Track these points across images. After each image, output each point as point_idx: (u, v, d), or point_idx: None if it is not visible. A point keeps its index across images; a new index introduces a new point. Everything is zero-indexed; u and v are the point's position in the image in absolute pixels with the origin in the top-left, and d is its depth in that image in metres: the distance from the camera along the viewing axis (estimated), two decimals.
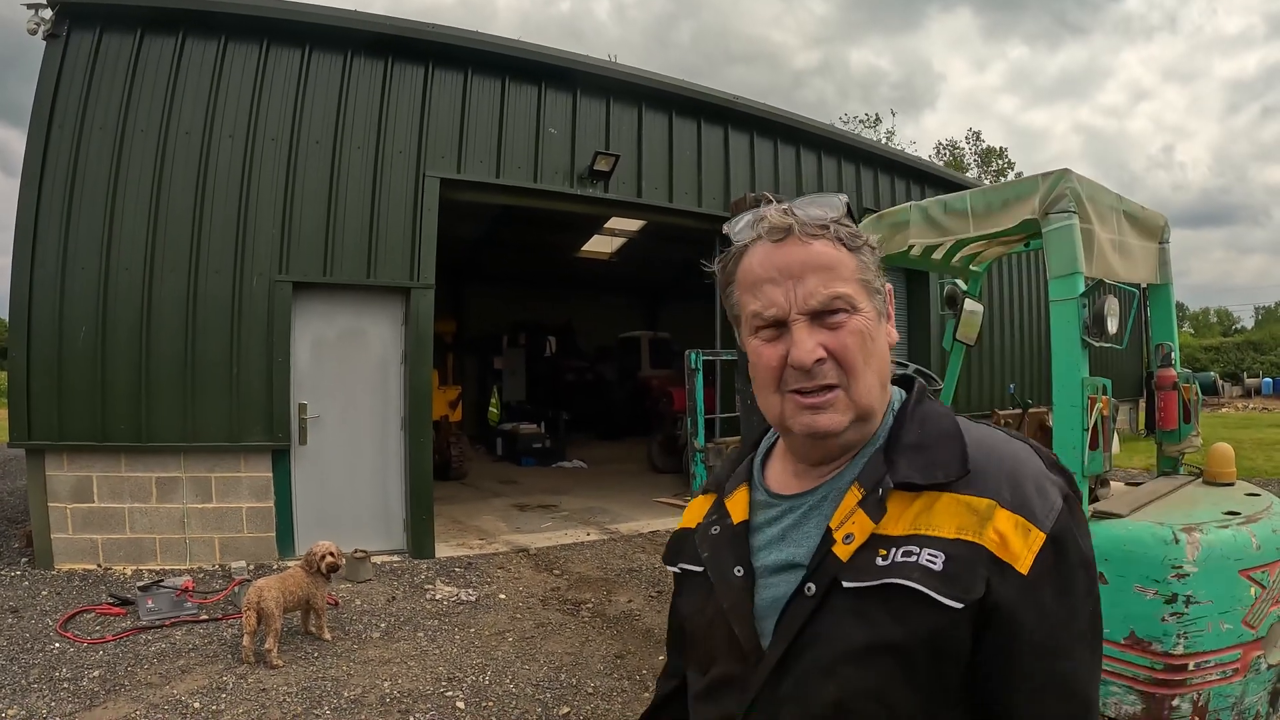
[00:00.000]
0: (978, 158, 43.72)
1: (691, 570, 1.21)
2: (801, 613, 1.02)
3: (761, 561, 1.11)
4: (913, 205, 3.65)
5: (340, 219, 7.37)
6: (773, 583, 1.08)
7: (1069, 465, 2.83)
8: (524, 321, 19.05)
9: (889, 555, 0.99)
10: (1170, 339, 3.64)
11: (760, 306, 1.07)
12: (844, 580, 1.00)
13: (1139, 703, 2.61)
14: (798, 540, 1.09)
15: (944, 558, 0.96)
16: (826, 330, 1.04)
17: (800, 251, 1.06)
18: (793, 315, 1.05)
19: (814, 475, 1.13)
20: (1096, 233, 3.02)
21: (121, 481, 6.79)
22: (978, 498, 0.99)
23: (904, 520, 1.01)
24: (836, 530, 1.03)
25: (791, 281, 1.05)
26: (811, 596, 1.02)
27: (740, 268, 1.11)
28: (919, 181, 12.85)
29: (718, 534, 1.17)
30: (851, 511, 1.03)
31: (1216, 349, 38.08)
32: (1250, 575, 2.63)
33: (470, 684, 4.75)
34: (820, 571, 1.02)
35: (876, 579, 0.98)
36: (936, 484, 1.01)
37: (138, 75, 6.76)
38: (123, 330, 6.69)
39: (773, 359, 1.06)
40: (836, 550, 1.02)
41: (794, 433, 1.09)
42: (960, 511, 0.99)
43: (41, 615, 5.53)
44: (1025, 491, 0.99)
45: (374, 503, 7.78)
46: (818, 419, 1.04)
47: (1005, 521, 0.97)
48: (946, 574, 0.95)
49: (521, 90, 8.33)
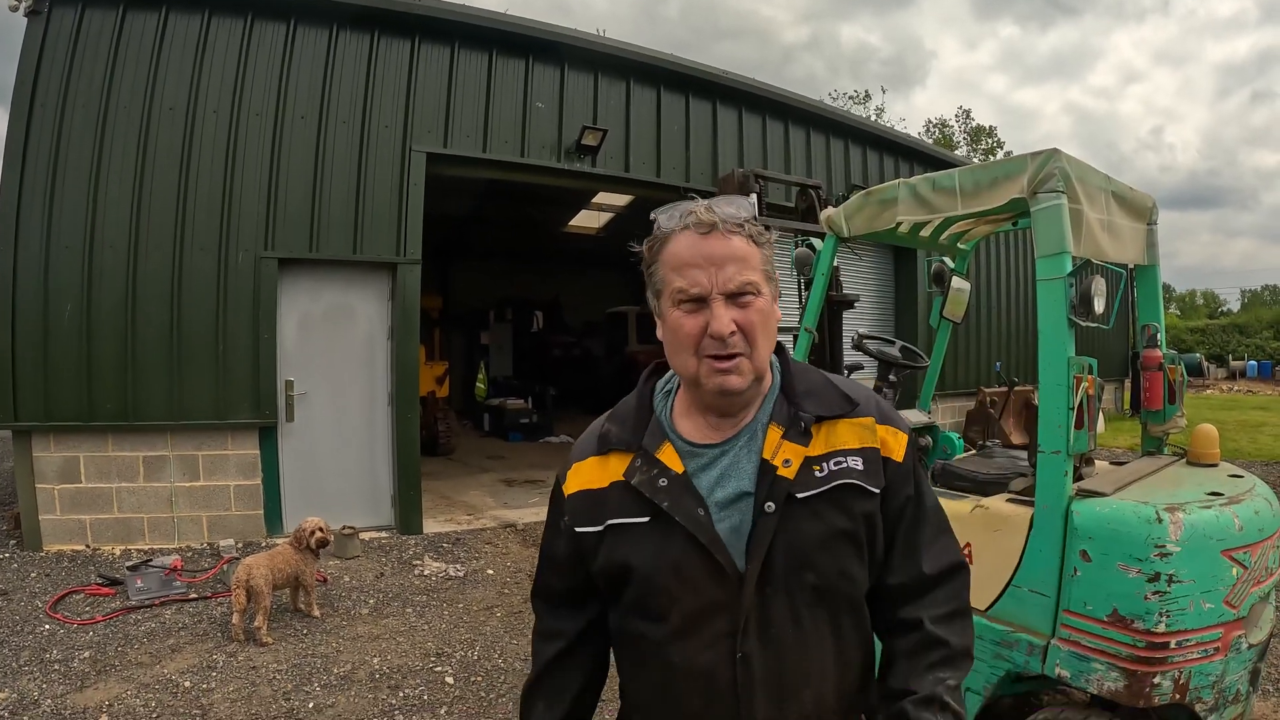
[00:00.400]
0: (967, 136, 43.61)
1: (631, 523, 1.36)
2: (769, 527, 1.30)
3: (713, 499, 1.34)
4: (901, 182, 3.64)
5: (326, 195, 7.30)
6: (727, 514, 1.33)
7: (1054, 444, 2.87)
8: (511, 297, 18.99)
9: (823, 468, 1.34)
10: (1156, 320, 3.66)
11: (685, 284, 1.30)
12: (796, 493, 1.31)
13: (1121, 679, 2.65)
14: (738, 476, 1.35)
15: (861, 460, 1.36)
16: (738, 308, 1.29)
17: (722, 244, 1.30)
18: (713, 294, 1.28)
19: (727, 426, 1.39)
20: (1085, 213, 3.02)
21: (109, 461, 6.76)
22: (863, 419, 1.40)
23: (819, 443, 1.36)
24: (774, 459, 1.33)
25: (714, 268, 1.28)
26: (773, 512, 1.30)
27: (666, 250, 1.34)
28: (908, 159, 12.82)
29: (668, 484, 1.34)
30: (779, 444, 1.34)
31: (1202, 331, 38.24)
32: (1232, 556, 2.66)
33: (459, 659, 4.79)
34: (773, 492, 1.30)
35: (823, 485, 1.32)
36: (835, 415, 1.38)
37: (120, 51, 6.65)
38: (108, 309, 6.63)
39: (694, 328, 1.30)
40: (781, 473, 1.31)
41: (706, 389, 1.33)
42: (857, 430, 1.39)
43: (31, 597, 5.53)
44: (885, 411, 1.44)
45: (361, 479, 7.78)
46: (728, 379, 1.30)
47: (884, 431, 1.40)
48: (867, 470, 1.36)
49: (509, 64, 8.25)
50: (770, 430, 1.36)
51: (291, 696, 4.22)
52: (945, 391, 12.89)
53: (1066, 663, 2.80)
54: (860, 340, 4.27)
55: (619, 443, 1.43)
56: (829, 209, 4.18)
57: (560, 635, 1.53)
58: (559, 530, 1.48)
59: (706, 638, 1.32)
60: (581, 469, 1.45)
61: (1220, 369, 32.46)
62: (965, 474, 3.64)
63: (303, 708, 4.10)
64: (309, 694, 4.26)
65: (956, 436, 4.82)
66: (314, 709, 4.09)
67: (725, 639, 1.31)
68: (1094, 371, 2.95)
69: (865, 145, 12.11)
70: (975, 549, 3.21)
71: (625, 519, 1.37)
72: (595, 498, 1.41)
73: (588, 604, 1.51)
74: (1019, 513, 3.06)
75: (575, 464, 1.47)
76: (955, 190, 3.37)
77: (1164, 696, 2.62)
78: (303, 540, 5.30)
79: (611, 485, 1.40)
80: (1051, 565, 2.88)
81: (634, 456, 1.39)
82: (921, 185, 3.53)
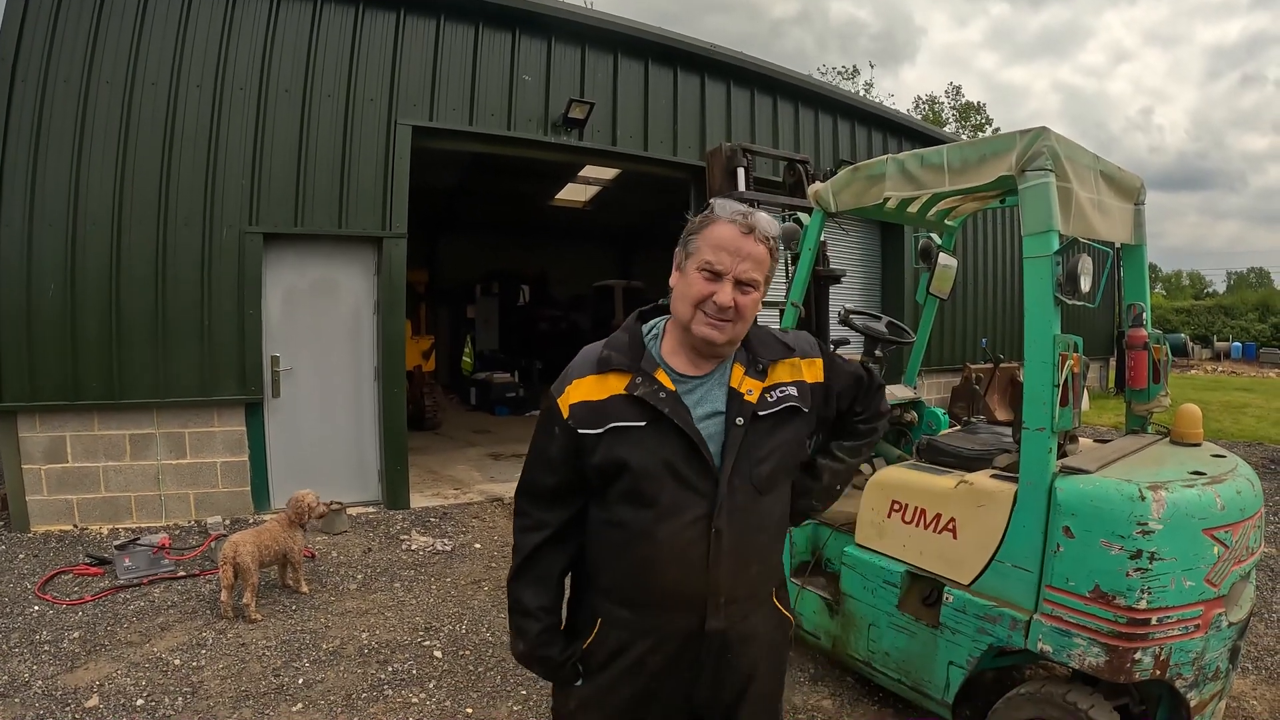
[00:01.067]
0: (956, 113, 43.45)
1: (630, 426, 1.74)
2: (738, 435, 1.77)
3: (696, 413, 1.78)
4: (889, 158, 3.63)
5: (311, 169, 7.22)
6: (705, 424, 1.77)
7: (1039, 420, 2.89)
8: (497, 270, 18.88)
9: (773, 396, 1.85)
10: (1142, 299, 3.67)
11: (713, 260, 1.73)
12: (759, 412, 1.81)
13: (1102, 655, 2.69)
14: (713, 400, 1.81)
15: (795, 389, 1.89)
16: (740, 292, 1.74)
17: (752, 245, 1.74)
18: (729, 275, 1.73)
19: (705, 365, 1.84)
20: (1074, 191, 3.02)
21: (95, 440, 6.71)
22: (793, 359, 1.92)
23: (769, 378, 1.86)
24: (740, 388, 1.81)
25: (739, 258, 1.73)
26: (741, 425, 1.77)
27: (712, 229, 1.76)
28: (896, 135, 12.76)
29: (666, 397, 1.76)
30: (743, 379, 1.82)
31: (1188, 311, 38.46)
32: (1214, 534, 2.69)
33: (447, 633, 4.81)
34: (740, 411, 1.79)
35: (775, 407, 1.84)
36: (778, 358, 1.89)
37: (102, 25, 6.51)
38: (92, 286, 6.54)
39: (704, 291, 1.74)
40: (747, 399, 1.80)
41: (694, 334, 1.76)
42: (790, 368, 1.91)
43: (19, 579, 5.51)
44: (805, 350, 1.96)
45: (348, 454, 7.77)
46: (713, 332, 1.75)
47: (804, 364, 1.94)
48: (799, 395, 1.89)
49: (495, 36, 8.15)
50: (735, 369, 1.83)
51: (281, 672, 4.23)
52: (931, 367, 12.95)
53: (1049, 638, 2.84)
54: (846, 315, 4.27)
55: (619, 365, 1.80)
56: (816, 184, 4.17)
57: (545, 525, 1.87)
58: (553, 435, 1.82)
59: (688, 519, 1.73)
60: (581, 385, 1.80)
61: (1205, 349, 32.70)
62: (950, 449, 3.66)
63: (292, 683, 4.11)
64: (298, 670, 4.27)
65: (942, 412, 4.86)
66: (303, 684, 4.10)
67: (702, 519, 1.74)
68: (1079, 349, 2.97)
69: (854, 120, 12.06)
70: (959, 524, 3.25)
71: (625, 422, 1.75)
72: (595, 408, 1.77)
73: (571, 500, 1.86)
74: (1003, 489, 3.09)
75: (575, 380, 1.82)
76: (943, 167, 3.36)
77: (1144, 672, 2.66)
78: (304, 516, 5.30)
79: (611, 397, 1.77)
80: (1035, 541, 2.91)
81: (633, 376, 1.78)
82: (909, 161, 3.52)
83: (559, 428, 1.80)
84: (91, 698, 3.90)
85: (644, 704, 1.86)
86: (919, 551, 3.42)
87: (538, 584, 1.88)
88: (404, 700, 3.98)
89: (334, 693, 4.03)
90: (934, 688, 3.33)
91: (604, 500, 1.80)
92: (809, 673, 4.22)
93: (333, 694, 4.02)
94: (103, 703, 3.86)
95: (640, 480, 1.73)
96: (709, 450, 1.74)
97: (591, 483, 1.81)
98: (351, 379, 7.75)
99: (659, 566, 1.74)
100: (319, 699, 3.97)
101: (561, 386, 1.83)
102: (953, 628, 3.21)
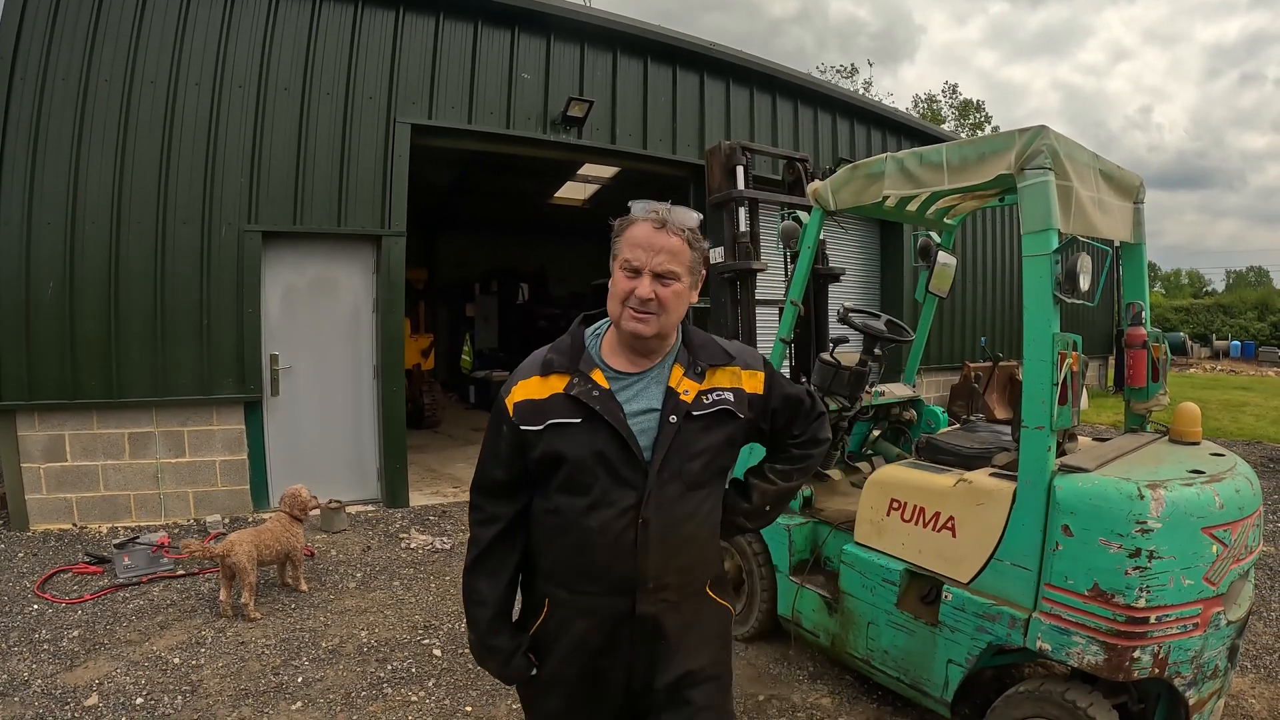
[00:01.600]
0: (954, 110, 43.39)
1: (566, 423, 1.85)
2: (670, 433, 1.86)
3: (628, 409, 1.88)
4: (888, 156, 3.63)
5: (310, 167, 7.22)
6: (637, 422, 1.87)
7: (1038, 419, 2.89)
8: (496, 268, 18.85)
9: (709, 399, 1.92)
10: (1141, 298, 3.67)
11: (631, 257, 1.84)
12: (693, 412, 1.90)
13: (1101, 653, 2.69)
14: (649, 397, 1.90)
15: (732, 395, 1.96)
16: (660, 284, 1.83)
17: (665, 239, 1.84)
18: (646, 270, 1.83)
19: (643, 362, 1.94)
20: (1073, 189, 3.02)
21: (94, 439, 6.71)
22: (734, 367, 2.00)
23: (707, 382, 1.94)
24: (677, 388, 1.90)
25: (652, 253, 1.83)
26: (674, 424, 1.87)
27: (629, 230, 1.88)
28: (895, 133, 12.77)
29: (599, 395, 1.86)
30: (681, 379, 1.91)
31: (1187, 310, 38.52)
32: (1213, 533, 2.69)
33: (446, 631, 4.81)
34: (675, 410, 1.88)
35: (709, 409, 1.92)
36: (718, 364, 1.97)
37: (101, 23, 6.50)
38: (91, 285, 6.54)
39: (626, 287, 1.84)
40: (683, 399, 1.89)
41: (623, 329, 1.87)
42: (730, 375, 1.99)
43: (19, 577, 5.50)
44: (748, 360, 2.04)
45: (347, 453, 7.77)
46: (639, 326, 1.84)
47: (745, 374, 2.01)
48: (735, 402, 1.96)
49: (495, 35, 8.15)
50: (675, 369, 1.93)
51: (280, 671, 4.23)
52: (930, 366, 12.96)
53: (1048, 636, 2.84)
54: (845, 313, 4.27)
55: (559, 367, 1.92)
56: (816, 182, 4.17)
57: (499, 519, 1.99)
58: (502, 432, 1.95)
59: (618, 508, 1.83)
60: (525, 385, 1.93)
61: (1204, 348, 32.71)
62: (949, 448, 3.66)
63: (292, 682, 4.11)
64: (298, 668, 4.27)
65: (941, 411, 4.86)
66: (303, 683, 4.10)
67: (631, 510, 1.83)
68: (1078, 348, 2.97)
69: (853, 119, 12.06)
70: (958, 522, 3.25)
71: (562, 419, 1.86)
72: (537, 406, 1.89)
73: (519, 494, 1.98)
74: (1002, 487, 3.09)
75: (520, 381, 1.94)
76: (942, 165, 3.36)
77: (1143, 671, 2.66)
78: (303, 509, 5.31)
79: (551, 396, 1.89)
80: (1034, 539, 2.91)
81: (571, 376, 1.89)
82: (909, 160, 3.52)
83: (506, 425, 1.94)
84: (91, 696, 3.90)
85: (591, 684, 1.97)
86: (918, 550, 3.42)
87: (490, 575, 1.99)
88: (403, 698, 3.98)
89: (333, 691, 4.03)
90: (933, 686, 3.33)
91: (545, 490, 1.93)
92: (808, 670, 4.22)
93: (332, 692, 4.02)
94: (102, 701, 3.86)
95: (575, 471, 1.85)
96: (638, 445, 1.84)
97: (534, 475, 1.93)
98: (351, 377, 7.74)
99: (591, 551, 1.86)
100: (318, 697, 3.97)
101: (509, 387, 1.96)
102: (952, 626, 3.21)
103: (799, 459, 2.18)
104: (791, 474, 2.18)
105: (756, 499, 2.16)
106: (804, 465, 2.20)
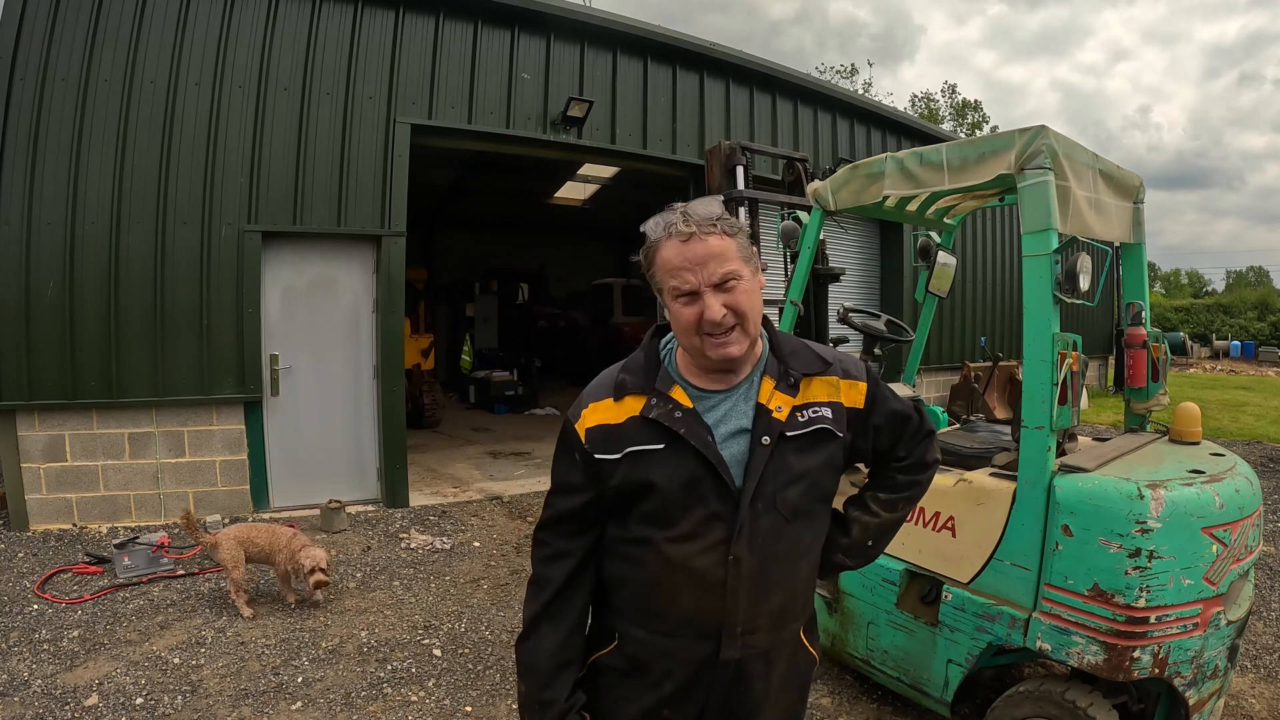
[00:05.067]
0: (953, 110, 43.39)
1: (648, 449, 1.64)
2: (763, 456, 1.62)
3: (718, 431, 1.65)
4: (888, 156, 3.63)
5: (310, 167, 7.22)
6: (729, 444, 1.64)
7: (1038, 419, 2.89)
8: (496, 268, 18.88)
9: (805, 415, 1.68)
10: (1141, 298, 3.67)
11: (678, 284, 1.59)
12: (788, 432, 1.65)
13: (1101, 653, 2.69)
14: (738, 416, 1.66)
15: (830, 410, 1.71)
16: (725, 293, 1.58)
17: (701, 246, 1.57)
18: (703, 288, 1.57)
19: (729, 378, 1.70)
20: (1072, 189, 3.02)
21: (94, 439, 6.71)
22: (832, 377, 1.75)
23: (802, 395, 1.70)
24: (769, 404, 1.66)
25: (698, 267, 1.57)
26: (767, 445, 1.63)
27: (658, 257, 1.62)
28: (895, 133, 12.77)
29: (682, 416, 1.64)
30: (772, 394, 1.67)
31: (1187, 310, 38.52)
32: (1212, 533, 2.69)
33: (446, 631, 4.81)
34: (767, 430, 1.63)
35: (806, 428, 1.67)
36: (814, 373, 1.73)
37: (101, 23, 6.50)
38: (91, 286, 6.55)
39: (692, 316, 1.59)
40: (776, 416, 1.65)
41: (712, 359, 1.62)
42: (827, 386, 1.74)
43: (19, 577, 5.51)
44: (848, 368, 1.79)
45: (347, 452, 7.77)
46: (728, 350, 1.60)
47: (845, 385, 1.76)
48: (834, 419, 1.71)
49: (494, 35, 8.15)
50: (765, 382, 1.69)
51: (280, 671, 4.24)
52: (930, 366, 12.96)
53: (1047, 636, 2.84)
54: (845, 313, 4.27)
55: (634, 388, 1.69)
56: (815, 182, 4.17)
57: (569, 555, 1.74)
58: (574, 460, 1.73)
59: (706, 542, 1.62)
60: (597, 409, 1.71)
61: (1204, 348, 32.73)
62: (949, 448, 3.66)
63: (291, 682, 4.11)
64: (298, 668, 4.27)
65: (941, 410, 4.86)
66: (303, 683, 4.10)
67: (720, 545, 1.62)
68: (1078, 348, 2.97)
69: (853, 119, 12.06)
70: (958, 522, 3.25)
71: (643, 446, 1.64)
72: (612, 431, 1.67)
73: (594, 525, 1.74)
74: (1002, 487, 3.09)
75: (591, 404, 1.72)
76: (942, 165, 3.36)
77: (1143, 670, 2.66)
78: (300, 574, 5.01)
79: (628, 420, 1.66)
80: (1033, 539, 2.91)
81: (648, 397, 1.67)
82: (908, 160, 3.52)
83: (578, 453, 1.71)
84: (91, 696, 3.90)
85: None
86: (918, 549, 3.42)
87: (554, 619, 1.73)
88: (403, 698, 3.98)
89: (333, 691, 4.03)
90: (933, 686, 3.33)
91: (624, 520, 1.70)
92: None
93: (332, 692, 4.02)
94: (102, 701, 3.86)
95: (660, 502, 1.63)
96: (729, 472, 1.62)
97: (612, 504, 1.71)
98: (351, 377, 7.74)
99: (673, 590, 1.65)
100: (318, 697, 3.97)
101: (578, 410, 1.74)
102: (951, 626, 3.21)
103: (905, 485, 1.93)
104: (897, 504, 1.93)
105: (857, 533, 1.91)
106: (911, 494, 1.95)
